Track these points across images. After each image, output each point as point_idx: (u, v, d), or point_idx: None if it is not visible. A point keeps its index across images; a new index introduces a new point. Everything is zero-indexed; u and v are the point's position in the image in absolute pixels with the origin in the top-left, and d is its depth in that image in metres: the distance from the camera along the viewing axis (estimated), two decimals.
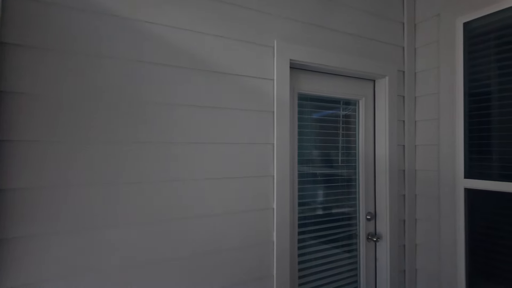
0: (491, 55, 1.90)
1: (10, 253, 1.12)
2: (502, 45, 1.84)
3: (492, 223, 1.90)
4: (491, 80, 1.89)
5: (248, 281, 1.62)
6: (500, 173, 1.85)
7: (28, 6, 1.16)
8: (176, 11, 1.45)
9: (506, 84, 1.83)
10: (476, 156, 1.96)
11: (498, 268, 1.86)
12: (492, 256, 1.89)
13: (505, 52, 1.83)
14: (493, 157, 1.89)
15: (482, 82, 1.93)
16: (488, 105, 1.91)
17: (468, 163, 1.99)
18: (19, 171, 1.14)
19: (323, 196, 2.09)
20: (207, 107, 1.52)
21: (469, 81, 1.99)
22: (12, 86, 1.13)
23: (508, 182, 1.79)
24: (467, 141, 2.00)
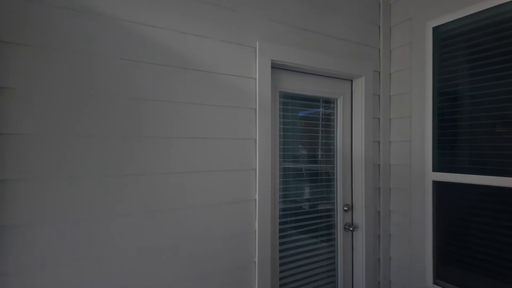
0: (458, 57, 2.05)
1: (8, 239, 1.18)
2: (467, 47, 2.00)
3: (457, 213, 2.06)
4: (458, 80, 2.05)
5: (232, 268, 1.73)
6: (465, 166, 2.01)
7: (19, 5, 1.22)
8: (165, 14, 1.53)
9: (471, 84, 1.98)
10: (443, 151, 2.12)
11: (463, 255, 2.02)
12: (457, 244, 2.06)
13: (470, 54, 1.99)
14: (459, 152, 2.05)
15: (449, 82, 2.09)
16: (454, 103, 2.07)
17: (437, 157, 2.15)
18: (12, 162, 1.20)
19: (304, 189, 2.21)
20: (191, 103, 1.61)
21: (438, 81, 2.15)
22: (5, 81, 1.19)
23: (472, 175, 1.95)
24: (435, 137, 2.16)
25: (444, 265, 2.12)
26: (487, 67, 1.90)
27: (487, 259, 1.90)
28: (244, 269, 1.77)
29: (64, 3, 1.30)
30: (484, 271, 1.91)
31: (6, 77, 1.20)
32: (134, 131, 1.45)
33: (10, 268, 1.20)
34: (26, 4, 1.23)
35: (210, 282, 1.66)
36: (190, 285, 1.59)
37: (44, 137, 1.26)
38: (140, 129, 1.47)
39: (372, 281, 2.34)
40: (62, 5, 1.30)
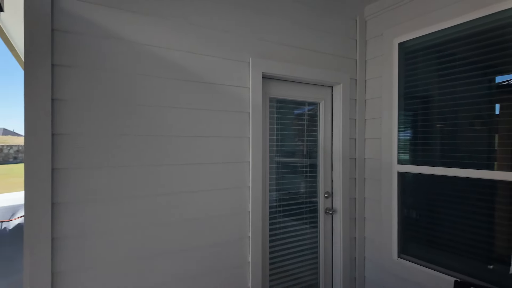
0: (418, 67, 2.47)
1: (62, 212, 1.61)
2: (426, 60, 2.42)
3: (417, 198, 2.50)
4: (418, 86, 2.47)
5: (231, 241, 2.16)
6: (423, 159, 2.44)
7: (68, 37, 1.63)
8: (173, 37, 1.94)
9: (429, 91, 2.40)
10: (406, 147, 2.54)
11: (421, 233, 2.46)
12: (417, 224, 2.49)
13: (429, 66, 2.40)
14: (418, 147, 2.47)
15: (411, 89, 2.51)
16: (416, 106, 2.49)
17: (401, 152, 2.57)
18: (67, 154, 1.62)
19: (291, 179, 2.63)
20: (197, 109, 2.02)
21: (402, 87, 2.57)
22: (60, 95, 1.61)
23: (428, 166, 2.38)
24: (401, 134, 2.58)
25: (406, 242, 2.55)
26: (443, 76, 2.31)
27: (441, 236, 2.33)
28: (240, 240, 2.20)
29: (101, 34, 1.71)
30: (438, 246, 2.34)
31: (62, 91, 1.61)
32: (149, 131, 1.87)
33: (69, 233, 1.62)
34: (75, 36, 1.64)
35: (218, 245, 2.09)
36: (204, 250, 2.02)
37: (88, 136, 1.68)
38: (154, 129, 1.89)
39: (349, 257, 2.77)
40: (99, 35, 1.71)
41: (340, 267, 2.75)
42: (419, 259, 2.45)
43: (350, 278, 2.79)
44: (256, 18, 2.27)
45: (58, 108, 1.61)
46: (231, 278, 2.17)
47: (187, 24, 1.99)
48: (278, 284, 2.52)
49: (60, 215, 1.62)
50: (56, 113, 1.61)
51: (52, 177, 1.59)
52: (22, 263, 2.51)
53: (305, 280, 2.69)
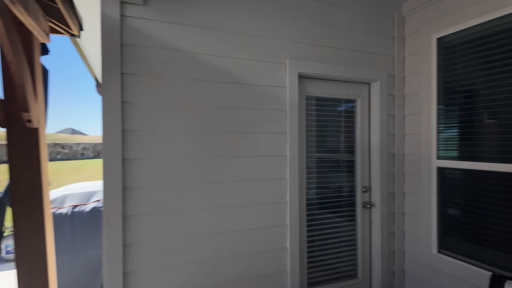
0: (458, 62, 2.46)
1: (131, 195, 1.96)
2: (467, 54, 2.40)
3: (457, 193, 2.48)
4: (458, 81, 2.45)
5: (270, 226, 2.37)
6: (463, 155, 2.42)
7: (134, 50, 1.98)
8: (219, 45, 2.21)
9: (470, 86, 2.38)
10: (445, 142, 2.54)
11: (461, 227, 2.44)
12: (457, 219, 2.48)
13: (469, 60, 2.38)
14: (458, 142, 2.46)
15: (451, 84, 2.50)
16: (456, 101, 2.48)
17: (440, 147, 2.57)
18: (134, 147, 1.97)
19: (327, 173, 2.77)
20: (239, 108, 2.28)
21: (441, 83, 2.56)
22: (129, 98, 1.96)
23: (468, 162, 2.36)
24: (440, 130, 2.57)
25: (446, 237, 2.55)
26: (485, 70, 2.29)
27: (481, 231, 2.31)
28: (278, 227, 2.41)
29: (160, 45, 2.04)
30: (478, 241, 2.32)
31: (133, 95, 1.97)
32: (200, 128, 2.16)
33: (136, 212, 1.98)
34: (140, 48, 1.99)
35: (259, 231, 2.32)
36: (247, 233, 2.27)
37: (150, 132, 2.02)
38: (204, 126, 2.17)
39: (387, 250, 2.83)
40: (159, 46, 2.04)
41: (378, 259, 2.81)
42: (458, 254, 2.44)
43: (389, 271, 2.84)
44: (292, 24, 2.46)
45: (126, 109, 1.97)
46: (272, 260, 2.39)
47: (232, 33, 2.25)
48: (316, 272, 2.68)
49: (129, 197, 1.97)
50: (125, 113, 1.96)
51: (122, 166, 1.95)
52: (97, 239, 3.00)
53: (342, 270, 2.80)
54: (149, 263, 2.03)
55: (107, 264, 1.91)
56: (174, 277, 2.10)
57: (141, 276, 2.01)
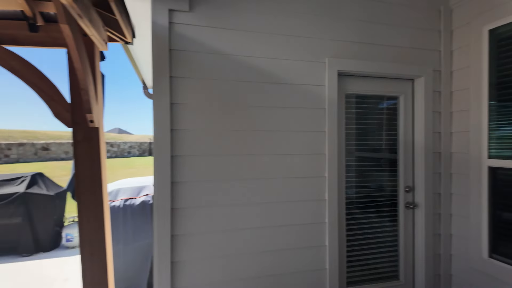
0: None
1: (178, 189, 2.10)
2: None
3: (510, 194, 2.32)
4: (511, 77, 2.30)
5: (309, 223, 2.40)
6: None
7: (181, 55, 2.12)
8: (261, 46, 2.28)
9: None
10: (497, 140, 2.38)
11: None
12: (510, 222, 2.32)
13: None
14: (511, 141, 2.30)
15: (504, 79, 2.34)
16: (509, 97, 2.32)
17: (492, 146, 2.42)
18: (181, 145, 2.11)
19: (368, 172, 2.73)
20: (279, 107, 2.33)
21: (494, 77, 2.41)
22: (177, 99, 2.10)
23: None
24: (492, 127, 2.42)
25: (498, 241, 2.40)
26: None
27: None
28: (317, 224, 2.43)
29: (206, 49, 2.16)
30: None
31: (181, 97, 2.11)
32: (249, 127, 2.25)
33: (182, 205, 2.12)
34: (187, 53, 2.12)
35: (298, 227, 2.37)
36: (286, 228, 2.33)
37: (197, 130, 2.15)
38: (247, 125, 2.26)
39: (432, 253, 2.72)
40: (205, 50, 2.16)
41: (422, 262, 2.72)
42: None
43: (434, 275, 2.73)
44: (331, 22, 2.46)
45: (175, 110, 2.11)
46: (311, 257, 2.42)
47: (272, 34, 2.31)
48: (355, 271, 2.66)
49: (177, 191, 2.12)
50: (173, 114, 2.11)
51: (171, 162, 2.10)
52: (146, 231, 3.23)
53: (383, 271, 2.75)
54: (194, 253, 2.16)
55: (157, 253, 2.07)
56: (216, 268, 2.21)
57: (186, 265, 2.15)
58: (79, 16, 1.43)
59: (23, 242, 4.63)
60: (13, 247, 4.64)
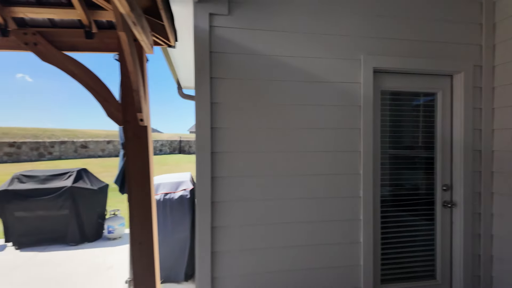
0: None
1: (218, 184, 2.22)
2: None
3: None
4: None
5: (343, 220, 2.44)
6: None
7: (221, 56, 2.22)
8: (295, 46, 2.34)
9: None
10: None
11: None
12: None
13: None
14: None
15: None
16: None
17: None
18: (220, 142, 2.22)
19: (404, 169, 2.71)
20: (314, 105, 2.38)
21: None
22: (216, 99, 2.22)
23: None
24: None
25: None
26: None
27: None
28: (351, 221, 2.46)
29: (243, 51, 2.26)
30: None
31: (220, 97, 2.22)
32: (284, 125, 2.32)
33: (221, 199, 2.24)
34: (226, 55, 2.23)
35: (332, 223, 2.41)
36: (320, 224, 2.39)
37: (235, 129, 2.26)
38: (283, 123, 2.33)
39: (471, 254, 2.65)
40: (243, 52, 2.26)
41: (460, 262, 2.66)
42: None
43: (473, 276, 2.66)
44: (366, 19, 2.47)
45: (214, 109, 2.23)
46: (345, 253, 2.45)
47: (306, 34, 2.37)
48: (390, 269, 2.65)
49: (216, 186, 2.24)
50: (213, 113, 2.23)
51: (211, 158, 2.22)
52: (184, 224, 3.41)
53: (418, 270, 2.72)
54: (231, 245, 2.27)
55: (199, 243, 2.20)
56: (252, 260, 2.31)
57: (225, 256, 2.26)
58: (133, 24, 1.57)
59: (70, 232, 5.01)
60: (62, 237, 5.04)
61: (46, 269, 4.12)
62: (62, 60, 2.04)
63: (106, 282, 3.70)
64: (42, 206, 4.90)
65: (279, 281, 2.36)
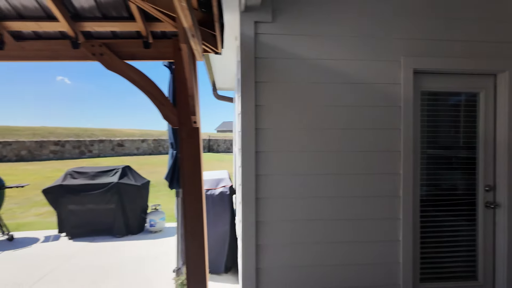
0: None
1: (261, 181, 2.37)
2: None
3: None
4: None
5: (383, 218, 2.50)
6: None
7: (265, 62, 2.37)
8: (334, 49, 2.44)
9: None
10: None
11: None
12: None
13: None
14: None
15: None
16: None
17: None
18: (264, 142, 2.37)
19: (444, 169, 2.71)
20: (353, 106, 2.46)
21: None
22: (260, 102, 2.37)
23: None
24: None
25: None
26: None
27: None
28: (392, 220, 2.51)
29: (286, 56, 2.39)
30: None
31: (261, 99, 2.37)
32: (319, 125, 2.43)
33: (265, 196, 2.39)
34: (269, 60, 2.37)
35: (372, 222, 2.49)
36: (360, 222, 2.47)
37: (277, 129, 2.40)
38: (322, 124, 2.43)
39: None
40: (285, 57, 2.39)
41: (504, 263, 2.62)
42: None
43: None
44: (406, 21, 2.51)
45: (258, 111, 2.38)
46: (384, 250, 2.51)
47: (346, 37, 2.45)
48: (430, 268, 2.67)
49: (260, 183, 2.39)
50: (258, 115, 2.38)
51: (255, 157, 2.37)
52: (224, 218, 3.61)
53: (459, 270, 2.71)
54: (275, 239, 2.42)
55: (244, 236, 2.37)
56: (294, 253, 2.44)
57: (268, 249, 2.41)
58: (192, 36, 1.75)
59: (116, 225, 5.40)
60: (109, 229, 5.45)
61: (99, 258, 4.50)
62: (124, 68, 2.27)
63: (154, 271, 3.99)
64: (92, 200, 5.33)
65: (319, 275, 2.47)
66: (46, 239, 5.40)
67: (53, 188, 5.36)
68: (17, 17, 2.24)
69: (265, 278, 2.41)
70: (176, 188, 3.30)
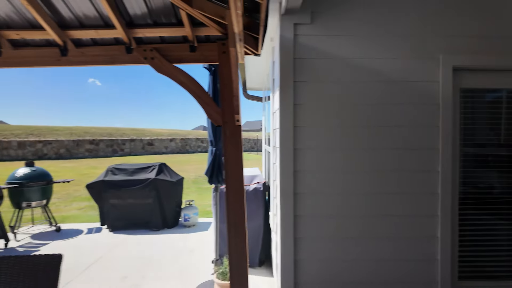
0: None
1: (299, 177, 2.47)
2: None
3: None
4: None
5: (421, 215, 2.52)
6: None
7: (303, 62, 2.47)
8: (373, 48, 2.49)
9: None
10: None
11: None
12: None
13: None
14: None
15: None
16: None
17: None
18: (301, 139, 2.47)
19: (484, 168, 2.68)
20: (393, 104, 2.50)
21: None
22: (298, 101, 2.47)
23: None
24: None
25: None
26: None
27: None
28: (430, 217, 2.53)
29: (324, 56, 2.47)
30: None
31: (300, 98, 2.47)
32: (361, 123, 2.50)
33: (303, 191, 2.49)
34: (308, 60, 2.46)
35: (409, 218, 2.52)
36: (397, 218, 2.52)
37: (314, 127, 2.49)
38: (359, 121, 2.50)
39: None
40: (323, 57, 2.48)
41: None
42: None
43: None
44: (445, 18, 2.51)
45: (297, 110, 2.48)
46: (421, 247, 2.54)
47: (384, 36, 2.50)
48: (468, 266, 2.65)
49: (298, 179, 2.49)
50: (296, 113, 2.48)
51: (293, 154, 2.48)
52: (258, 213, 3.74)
53: (500, 270, 2.67)
54: (311, 232, 2.51)
55: (283, 230, 2.48)
56: (331, 247, 2.52)
57: (306, 241, 2.51)
58: (239, 40, 1.88)
59: (154, 219, 5.71)
60: (147, 223, 5.76)
61: (139, 249, 4.79)
62: (173, 71, 2.45)
63: (191, 261, 4.21)
64: (131, 195, 5.66)
65: (355, 269, 2.54)
66: (89, 231, 5.80)
67: (96, 184, 5.74)
68: (79, 26, 2.48)
69: (302, 269, 2.51)
70: (215, 183, 3.47)
